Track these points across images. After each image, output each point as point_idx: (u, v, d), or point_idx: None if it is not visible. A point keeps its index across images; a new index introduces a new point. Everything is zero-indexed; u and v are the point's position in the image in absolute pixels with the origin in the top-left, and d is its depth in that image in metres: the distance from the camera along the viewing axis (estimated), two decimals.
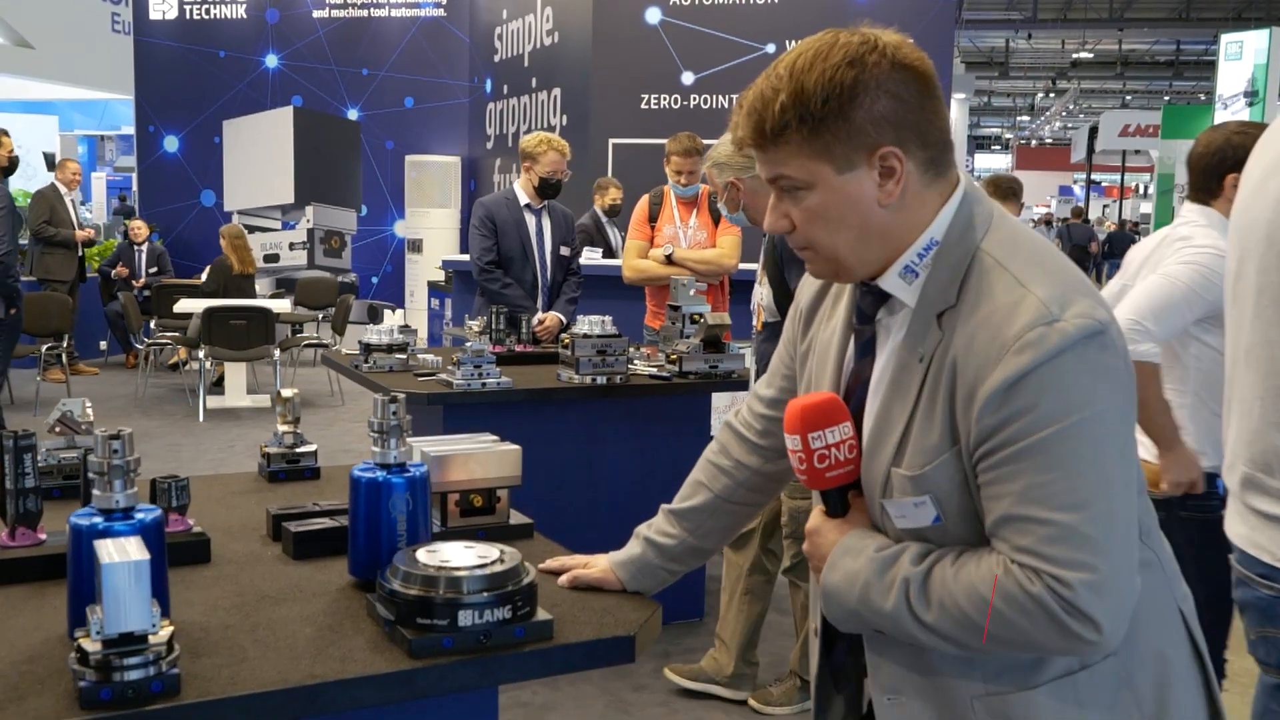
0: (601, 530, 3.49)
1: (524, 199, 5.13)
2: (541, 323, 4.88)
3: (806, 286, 1.59)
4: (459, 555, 1.52)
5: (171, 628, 1.33)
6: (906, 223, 1.34)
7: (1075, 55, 27.87)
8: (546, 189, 5.07)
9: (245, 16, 13.37)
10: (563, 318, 4.99)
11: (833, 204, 1.33)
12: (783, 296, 3.30)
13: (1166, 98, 31.07)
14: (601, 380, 3.91)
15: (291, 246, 13.06)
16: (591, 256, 6.83)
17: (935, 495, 1.31)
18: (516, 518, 2.03)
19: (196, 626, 1.52)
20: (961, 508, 1.31)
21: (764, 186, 3.59)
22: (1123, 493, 1.25)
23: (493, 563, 1.51)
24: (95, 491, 1.46)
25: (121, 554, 1.27)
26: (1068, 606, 1.21)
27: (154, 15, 13.40)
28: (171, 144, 13.56)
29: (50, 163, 13.43)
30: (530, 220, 5.12)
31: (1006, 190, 5.97)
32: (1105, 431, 1.24)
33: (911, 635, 1.32)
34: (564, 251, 5.22)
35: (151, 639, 1.29)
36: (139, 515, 1.46)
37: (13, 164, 6.75)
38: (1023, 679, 1.32)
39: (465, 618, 1.44)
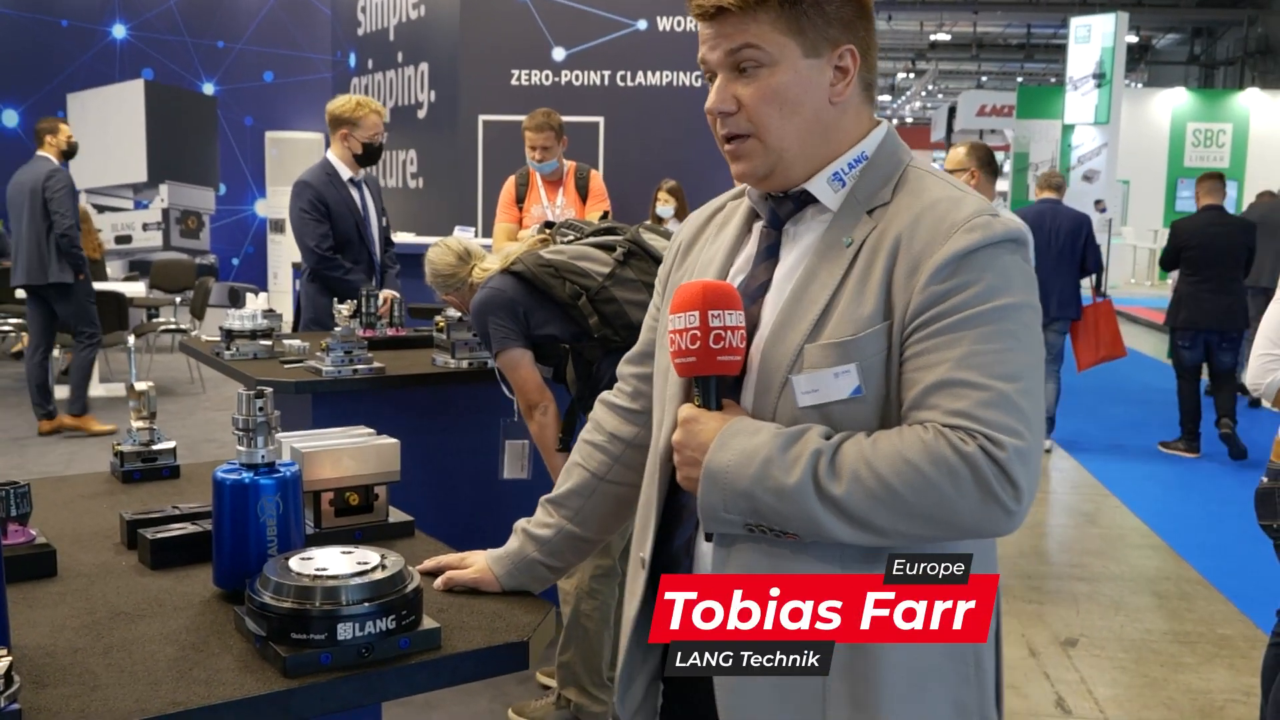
0: (488, 524, 3.39)
1: (345, 173, 4.75)
2: (385, 302, 4.58)
3: (688, 225, 1.61)
4: (336, 562, 1.41)
5: (10, 657, 1.19)
6: (846, 129, 1.41)
7: (933, 37, 28.53)
8: (370, 154, 4.75)
9: None
10: (397, 294, 4.74)
11: (792, 84, 1.36)
12: None
13: (1019, 79, 32.05)
14: (478, 363, 3.78)
15: (145, 227, 12.49)
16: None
17: (860, 365, 1.30)
18: (396, 515, 1.92)
19: (41, 651, 1.37)
20: (878, 388, 1.31)
21: (469, 289, 3.51)
22: (1040, 378, 1.30)
23: (373, 569, 1.40)
24: None
25: None
26: (997, 470, 1.21)
27: None
28: (11, 118, 12.81)
29: None
30: (355, 196, 4.78)
31: (991, 163, 4.49)
32: (1032, 320, 1.31)
33: (809, 515, 1.25)
34: (383, 222, 4.93)
35: None
36: None
37: (72, 149, 7.12)
38: None
39: (345, 630, 1.33)
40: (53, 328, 7.26)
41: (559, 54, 8.19)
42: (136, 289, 9.43)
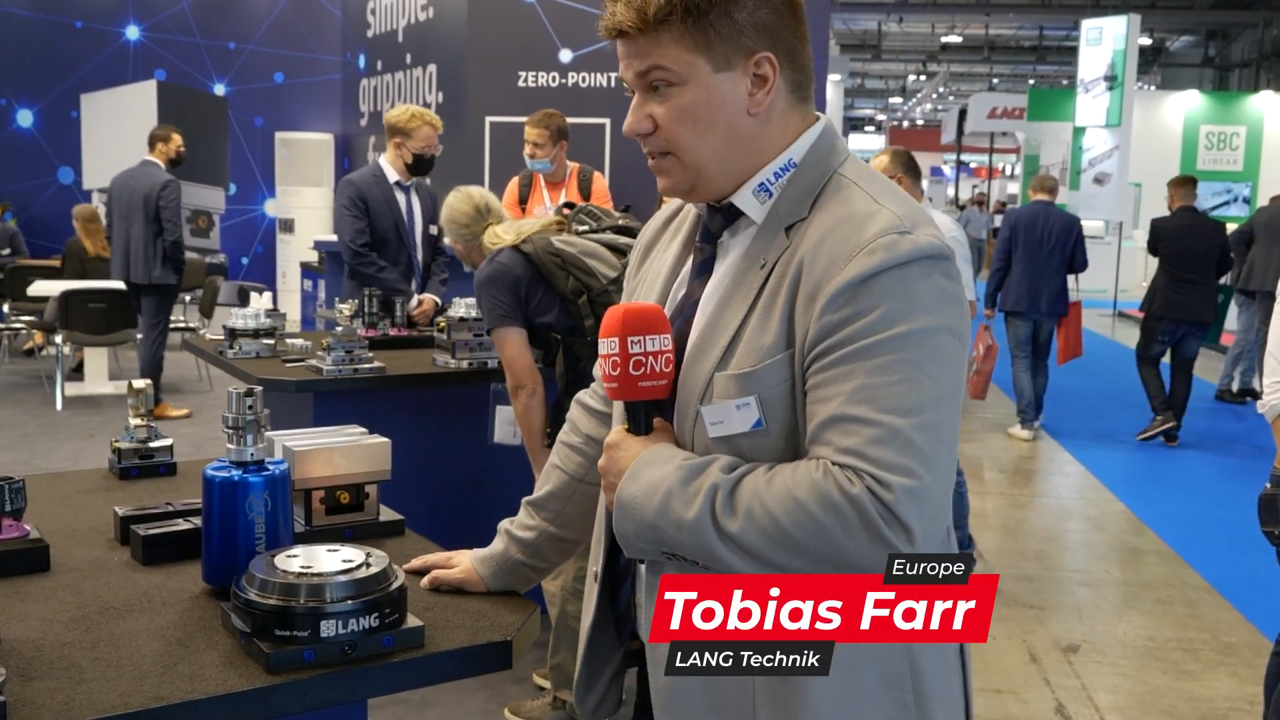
0: (485, 523, 3.40)
1: (393, 176, 4.87)
2: (419, 305, 4.72)
3: (648, 228, 1.59)
4: (322, 560, 1.42)
5: None
6: (770, 138, 1.35)
7: (944, 39, 28.47)
8: (420, 165, 4.85)
9: None
10: (438, 299, 4.84)
11: (704, 102, 1.31)
12: None
13: (1031, 81, 31.98)
14: (478, 364, 3.80)
15: None
16: None
17: (761, 397, 1.27)
18: (387, 514, 1.93)
19: (29, 645, 1.38)
20: (784, 420, 1.28)
21: (477, 247, 3.55)
22: (951, 409, 1.24)
23: (358, 567, 1.41)
24: None
25: None
26: (884, 511, 1.17)
27: None
28: (25, 118, 12.89)
29: None
30: (401, 199, 4.90)
31: (914, 166, 4.63)
32: (943, 345, 1.23)
33: (709, 550, 1.24)
34: (432, 230, 5.03)
35: None
36: None
37: (180, 157, 7.63)
38: None
39: (328, 628, 1.34)
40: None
41: (566, 56, 8.20)
42: None
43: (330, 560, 1.42)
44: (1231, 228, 9.25)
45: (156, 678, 1.30)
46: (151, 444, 2.25)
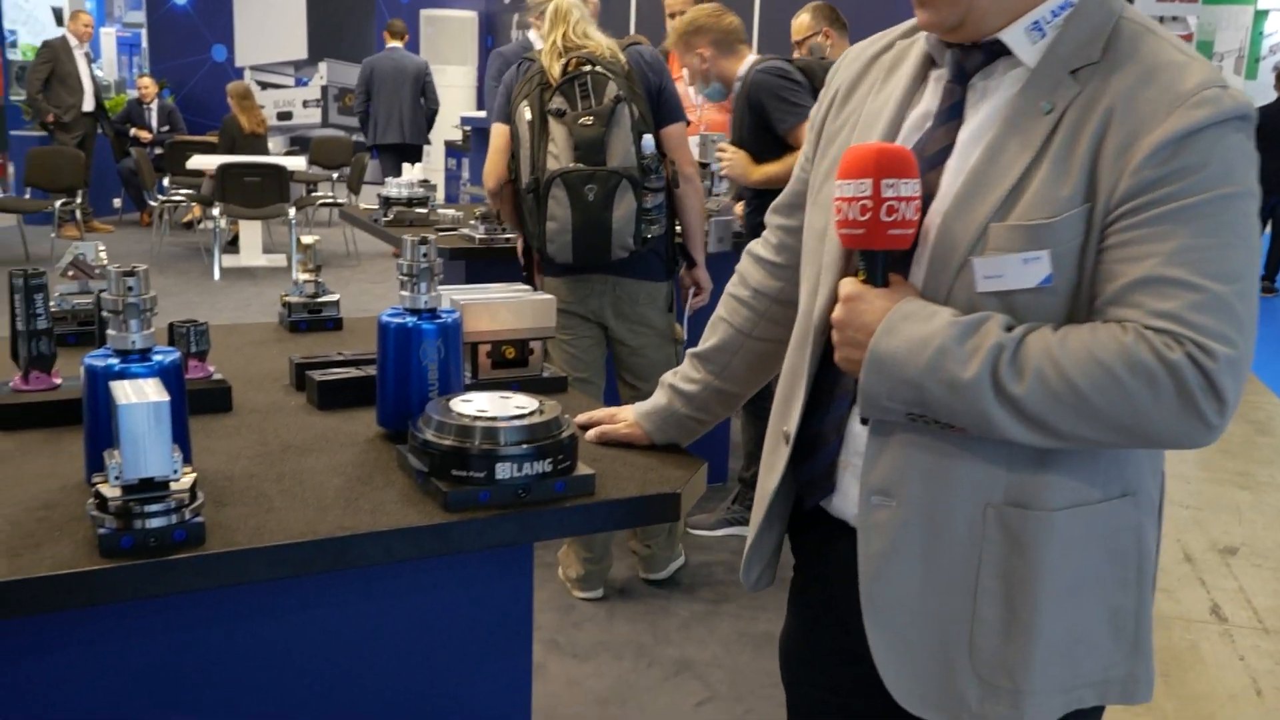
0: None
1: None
2: None
3: (846, 65, 1.46)
4: (496, 405, 1.44)
5: (194, 474, 1.26)
6: None
7: None
8: None
9: None
10: None
11: None
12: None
13: None
14: None
15: (305, 104, 12.78)
16: None
17: (1054, 252, 1.16)
18: (550, 371, 1.95)
19: (220, 475, 1.44)
20: (1070, 279, 1.17)
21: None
22: (1256, 278, 1.16)
23: (532, 413, 1.42)
24: (110, 332, 1.37)
25: (140, 395, 1.18)
26: (1204, 379, 1.09)
27: None
28: None
29: (59, 17, 13.04)
30: None
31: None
32: (1252, 212, 1.15)
33: (983, 414, 1.15)
34: None
35: (173, 485, 1.21)
36: (157, 357, 1.37)
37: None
38: (1047, 498, 1.21)
39: (503, 470, 1.36)
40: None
41: None
42: (297, 164, 9.70)
43: (504, 406, 1.43)
44: None
45: (340, 510, 1.34)
46: (319, 299, 2.31)
